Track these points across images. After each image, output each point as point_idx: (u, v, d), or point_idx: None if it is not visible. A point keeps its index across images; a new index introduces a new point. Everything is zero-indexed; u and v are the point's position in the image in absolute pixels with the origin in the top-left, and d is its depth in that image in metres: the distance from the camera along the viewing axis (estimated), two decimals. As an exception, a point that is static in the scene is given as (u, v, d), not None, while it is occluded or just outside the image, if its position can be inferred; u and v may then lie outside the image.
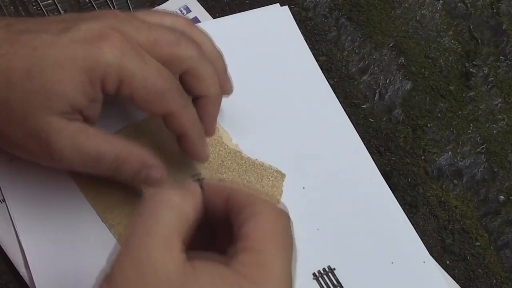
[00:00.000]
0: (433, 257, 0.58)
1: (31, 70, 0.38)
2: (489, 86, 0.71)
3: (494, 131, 0.68)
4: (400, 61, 0.70)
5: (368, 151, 0.61)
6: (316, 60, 0.65)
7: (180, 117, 0.43)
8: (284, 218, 0.34)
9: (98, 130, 0.41)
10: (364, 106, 0.66)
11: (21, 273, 0.48)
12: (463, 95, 0.70)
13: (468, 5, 0.75)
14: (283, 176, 0.56)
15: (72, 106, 0.39)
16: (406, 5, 0.74)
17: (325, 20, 0.71)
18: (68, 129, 0.39)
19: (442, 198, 0.63)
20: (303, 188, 0.57)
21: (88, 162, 0.40)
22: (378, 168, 0.61)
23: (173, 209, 0.32)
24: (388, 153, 0.64)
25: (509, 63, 0.73)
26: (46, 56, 0.39)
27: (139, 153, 0.42)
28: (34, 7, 0.63)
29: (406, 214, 0.59)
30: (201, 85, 0.44)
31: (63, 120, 0.39)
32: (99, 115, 0.44)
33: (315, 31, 0.70)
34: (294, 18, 0.67)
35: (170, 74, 0.43)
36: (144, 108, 0.42)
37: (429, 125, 0.67)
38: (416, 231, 0.58)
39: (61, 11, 0.63)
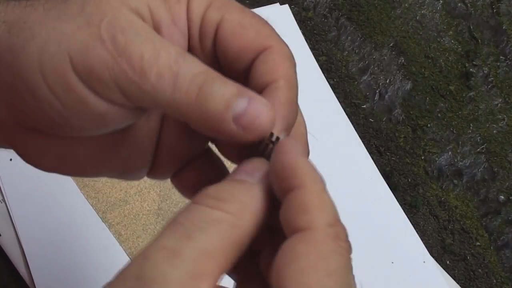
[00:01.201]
0: (433, 257, 0.58)
1: None
2: (489, 86, 0.71)
3: (494, 131, 0.68)
4: (400, 61, 0.70)
5: (368, 151, 0.61)
6: (316, 60, 0.65)
7: (279, 53, 0.30)
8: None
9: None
10: (364, 106, 0.66)
11: (21, 273, 0.48)
12: (463, 95, 0.70)
13: (468, 5, 0.75)
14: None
15: (150, 7, 0.28)
16: (406, 5, 0.74)
17: (325, 20, 0.71)
18: (143, 25, 0.27)
19: (442, 198, 0.63)
20: (303, 188, 0.57)
21: (162, 70, 0.26)
22: (378, 168, 0.61)
23: (221, 232, 0.24)
24: (388, 153, 0.64)
25: (509, 63, 0.73)
26: None
27: (235, 81, 0.27)
28: (34, 7, 0.63)
29: (406, 214, 0.59)
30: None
31: (137, 17, 0.27)
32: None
33: (315, 31, 0.70)
34: (294, 18, 0.67)
35: None
36: (233, 36, 0.30)
37: (429, 125, 0.67)
38: (416, 231, 0.58)
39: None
